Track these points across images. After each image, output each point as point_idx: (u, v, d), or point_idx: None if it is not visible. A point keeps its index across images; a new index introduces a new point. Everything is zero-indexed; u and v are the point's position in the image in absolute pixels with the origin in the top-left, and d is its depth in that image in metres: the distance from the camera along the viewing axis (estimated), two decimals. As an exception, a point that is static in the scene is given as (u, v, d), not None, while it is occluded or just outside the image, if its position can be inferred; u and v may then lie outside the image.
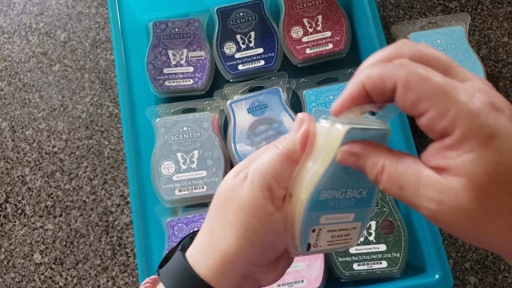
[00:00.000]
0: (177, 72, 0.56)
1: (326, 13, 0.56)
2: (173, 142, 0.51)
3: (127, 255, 0.55)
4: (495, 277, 0.51)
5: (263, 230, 0.24)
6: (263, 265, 0.26)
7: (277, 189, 0.24)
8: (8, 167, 0.59)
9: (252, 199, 0.24)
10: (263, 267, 0.26)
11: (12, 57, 0.64)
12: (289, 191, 0.24)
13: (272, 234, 0.24)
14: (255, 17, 0.57)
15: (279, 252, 0.26)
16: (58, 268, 0.55)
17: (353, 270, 0.46)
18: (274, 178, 0.24)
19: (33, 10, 0.65)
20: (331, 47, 0.54)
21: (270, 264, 0.26)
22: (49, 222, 0.57)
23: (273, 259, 0.26)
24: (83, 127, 0.60)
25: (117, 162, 0.58)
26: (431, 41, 0.53)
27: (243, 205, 0.24)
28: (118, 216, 0.56)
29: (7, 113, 0.61)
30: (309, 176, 0.23)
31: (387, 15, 0.60)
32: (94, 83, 0.61)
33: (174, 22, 0.57)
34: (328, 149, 0.23)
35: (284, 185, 0.24)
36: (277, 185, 0.24)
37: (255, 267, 0.25)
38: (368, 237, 0.47)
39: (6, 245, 0.57)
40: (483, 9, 0.60)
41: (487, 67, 0.57)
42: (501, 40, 0.58)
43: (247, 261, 0.24)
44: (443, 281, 0.43)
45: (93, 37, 0.63)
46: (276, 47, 0.55)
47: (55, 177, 0.58)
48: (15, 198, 0.58)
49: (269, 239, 0.24)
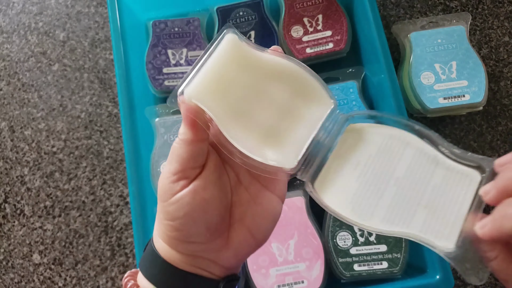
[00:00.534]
0: (176, 71, 0.56)
1: (327, 13, 0.55)
2: (172, 142, 0.51)
3: (127, 256, 0.54)
4: (496, 278, 0.50)
5: (175, 210, 0.25)
6: (201, 242, 0.26)
7: (185, 170, 0.26)
8: (7, 167, 0.59)
9: (161, 186, 0.27)
10: (205, 245, 0.26)
11: (11, 57, 0.63)
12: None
13: (185, 210, 0.25)
14: (255, 16, 0.56)
15: (206, 227, 0.26)
16: (57, 269, 0.55)
17: (353, 271, 0.46)
18: (178, 163, 0.26)
19: (32, 9, 0.65)
20: (332, 46, 0.54)
21: (213, 242, 0.27)
22: (48, 223, 0.56)
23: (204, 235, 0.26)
24: (82, 127, 0.59)
25: (117, 162, 0.58)
26: (432, 40, 0.53)
27: (158, 193, 0.27)
28: (117, 217, 0.56)
29: (6, 113, 0.61)
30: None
31: (388, 14, 0.60)
32: (93, 82, 0.61)
33: (174, 22, 0.57)
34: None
35: (188, 165, 0.25)
36: (180, 167, 0.25)
37: (195, 245, 0.26)
38: (369, 237, 0.46)
39: (5, 245, 0.56)
40: (484, 8, 0.59)
41: (488, 67, 0.57)
42: (502, 39, 0.58)
43: (177, 239, 0.26)
44: (444, 282, 0.43)
45: (92, 36, 0.63)
46: (276, 47, 0.55)
47: (54, 177, 0.58)
48: (14, 198, 0.58)
49: (179, 214, 0.25)
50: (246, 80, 0.25)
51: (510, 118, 0.55)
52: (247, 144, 0.24)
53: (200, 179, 0.26)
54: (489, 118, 0.55)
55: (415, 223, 0.23)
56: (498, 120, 0.55)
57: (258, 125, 0.25)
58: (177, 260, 0.27)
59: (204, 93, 0.24)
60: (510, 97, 0.56)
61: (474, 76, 0.51)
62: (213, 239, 0.27)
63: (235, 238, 0.27)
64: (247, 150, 0.24)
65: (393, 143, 0.25)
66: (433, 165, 0.24)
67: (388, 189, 0.24)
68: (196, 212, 0.25)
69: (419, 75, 0.52)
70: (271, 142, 0.25)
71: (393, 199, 0.23)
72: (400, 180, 0.24)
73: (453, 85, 0.51)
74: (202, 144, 0.26)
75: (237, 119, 0.24)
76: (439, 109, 0.51)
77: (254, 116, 0.25)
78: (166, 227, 0.26)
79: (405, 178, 0.24)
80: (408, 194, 0.23)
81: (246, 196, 0.28)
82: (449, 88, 0.51)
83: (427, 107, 0.51)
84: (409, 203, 0.23)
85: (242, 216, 0.28)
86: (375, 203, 0.23)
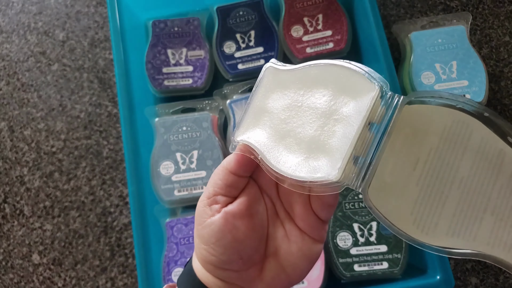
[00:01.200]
0: (176, 71, 0.55)
1: (327, 12, 0.55)
2: (172, 142, 0.51)
3: (126, 256, 0.54)
4: (497, 278, 0.50)
5: (207, 234, 0.26)
6: (234, 270, 0.26)
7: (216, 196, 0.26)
8: (7, 167, 0.59)
9: (197, 209, 0.27)
10: (239, 273, 0.26)
11: (10, 57, 0.63)
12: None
13: (216, 236, 0.25)
14: (255, 16, 0.56)
15: (239, 255, 0.26)
16: (57, 269, 0.55)
17: (353, 271, 0.46)
18: (213, 187, 0.26)
19: (32, 9, 0.65)
20: (332, 46, 0.54)
21: (247, 271, 0.26)
22: (47, 223, 0.56)
23: (236, 263, 0.26)
24: (82, 127, 0.59)
25: (116, 162, 0.57)
26: (432, 40, 0.53)
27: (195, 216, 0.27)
28: (117, 217, 0.56)
29: (5, 113, 0.61)
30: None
31: (388, 14, 0.60)
32: (93, 82, 0.61)
33: (174, 21, 0.57)
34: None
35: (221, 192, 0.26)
36: (214, 192, 0.26)
37: (228, 272, 0.26)
38: (369, 237, 0.46)
39: (5, 245, 0.56)
40: (484, 8, 0.59)
41: (489, 67, 0.57)
42: (502, 39, 0.58)
43: (212, 264, 0.26)
44: (444, 282, 0.43)
45: (92, 36, 0.63)
46: (276, 46, 0.55)
47: (54, 178, 0.58)
48: (14, 199, 0.58)
49: (212, 240, 0.25)
50: (286, 102, 0.24)
51: (510, 118, 0.55)
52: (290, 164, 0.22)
53: (233, 207, 0.26)
54: (490, 118, 0.55)
55: (482, 236, 0.20)
56: (498, 120, 0.55)
57: (301, 141, 0.22)
58: (212, 284, 0.27)
59: (248, 131, 0.25)
60: (510, 97, 0.56)
61: (475, 76, 0.51)
62: (247, 268, 0.26)
63: (268, 272, 0.27)
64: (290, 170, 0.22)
65: (457, 131, 0.20)
66: (500, 160, 0.20)
67: (452, 194, 0.20)
68: (226, 239, 0.25)
69: (419, 75, 0.52)
70: (315, 154, 0.22)
71: (458, 206, 0.20)
72: (464, 181, 0.20)
73: (453, 85, 0.51)
74: (241, 180, 0.26)
75: (280, 143, 0.23)
76: (439, 109, 0.51)
77: (297, 133, 0.23)
78: (201, 251, 0.26)
79: (469, 178, 0.20)
80: (474, 198, 0.20)
81: (281, 232, 0.27)
82: (449, 88, 0.51)
83: (428, 107, 0.51)
84: (475, 210, 0.20)
85: (276, 250, 0.27)
86: (439, 212, 0.20)
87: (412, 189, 0.20)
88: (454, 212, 0.20)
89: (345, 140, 0.21)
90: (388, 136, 0.21)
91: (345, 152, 0.20)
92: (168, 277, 0.48)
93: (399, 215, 0.20)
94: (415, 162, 0.21)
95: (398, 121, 0.21)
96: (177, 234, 0.49)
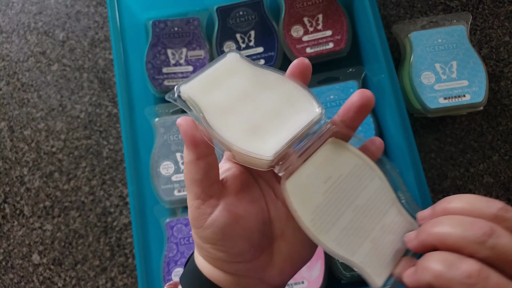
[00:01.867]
0: (176, 71, 0.55)
1: (327, 12, 0.55)
2: (172, 142, 0.51)
3: (126, 256, 0.54)
4: None
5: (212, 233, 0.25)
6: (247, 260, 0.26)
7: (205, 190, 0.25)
8: (7, 167, 0.59)
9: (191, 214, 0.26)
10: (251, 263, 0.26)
11: (10, 57, 0.63)
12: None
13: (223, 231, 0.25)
14: (255, 16, 0.56)
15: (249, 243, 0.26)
16: (57, 269, 0.55)
17: (354, 271, 0.46)
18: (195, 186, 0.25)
19: (32, 9, 0.65)
20: (332, 46, 0.54)
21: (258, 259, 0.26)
22: (47, 223, 0.56)
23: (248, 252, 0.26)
24: (82, 127, 0.59)
25: (116, 163, 0.57)
26: (432, 40, 0.53)
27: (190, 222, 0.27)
28: (117, 217, 0.56)
29: (5, 113, 0.61)
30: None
31: (388, 14, 0.60)
32: (93, 82, 0.61)
33: (174, 21, 0.57)
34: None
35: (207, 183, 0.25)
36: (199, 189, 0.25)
37: (241, 265, 0.26)
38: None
39: (5, 245, 0.56)
40: (484, 8, 0.59)
41: (489, 67, 0.57)
42: (502, 39, 0.58)
43: (223, 260, 0.26)
44: None
45: (92, 36, 0.63)
46: (276, 46, 0.55)
47: (54, 178, 0.58)
48: (14, 199, 0.58)
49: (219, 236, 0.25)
50: (238, 87, 0.27)
51: (510, 118, 0.55)
52: (231, 136, 0.25)
53: (228, 197, 0.26)
54: (490, 118, 0.55)
55: (359, 254, 0.24)
56: (498, 120, 0.55)
57: (243, 122, 0.26)
58: (223, 280, 0.26)
59: (197, 91, 0.26)
60: (510, 97, 0.56)
61: (475, 76, 0.51)
62: (258, 256, 0.26)
63: (279, 256, 0.27)
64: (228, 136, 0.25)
65: (364, 171, 0.26)
66: (389, 205, 0.26)
67: (347, 213, 0.25)
68: (234, 229, 0.25)
69: (419, 75, 0.52)
70: (254, 137, 0.25)
71: (348, 224, 0.25)
72: (359, 208, 0.25)
73: (453, 85, 0.51)
74: (209, 159, 0.25)
75: (224, 115, 0.26)
76: (439, 109, 0.51)
77: (241, 115, 0.26)
78: (208, 250, 0.26)
79: (363, 208, 0.25)
80: (362, 224, 0.25)
81: (284, 211, 0.27)
82: (449, 88, 0.51)
83: (428, 107, 0.51)
84: (360, 233, 0.25)
85: (283, 231, 0.27)
86: (333, 222, 0.24)
87: (319, 196, 0.25)
88: (344, 227, 0.24)
89: (284, 138, 0.25)
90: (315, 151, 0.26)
91: (282, 144, 0.25)
92: (168, 277, 0.48)
93: (303, 211, 0.24)
94: (327, 178, 0.25)
95: (326, 144, 0.26)
96: (177, 234, 0.49)
